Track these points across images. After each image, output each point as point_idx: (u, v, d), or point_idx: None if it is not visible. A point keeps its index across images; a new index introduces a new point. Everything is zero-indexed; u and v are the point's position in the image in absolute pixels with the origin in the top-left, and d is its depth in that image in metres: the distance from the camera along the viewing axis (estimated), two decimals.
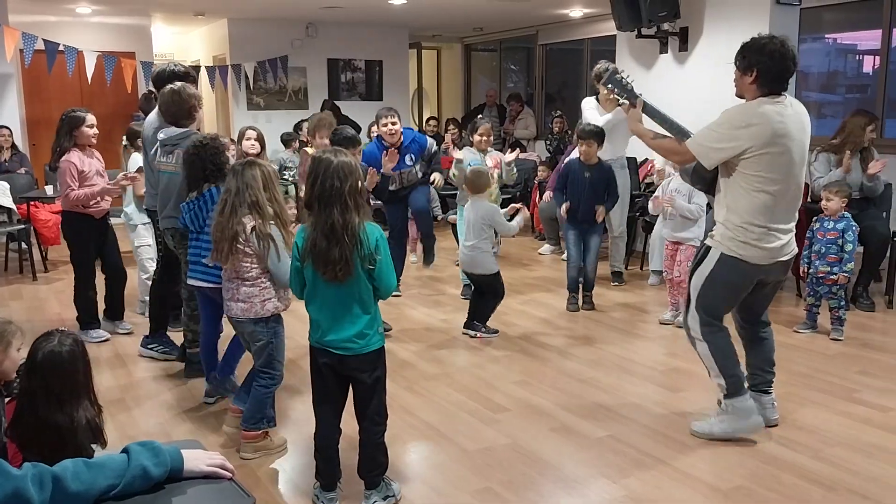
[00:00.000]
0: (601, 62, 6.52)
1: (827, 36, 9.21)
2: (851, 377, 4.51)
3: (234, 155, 6.41)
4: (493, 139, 6.46)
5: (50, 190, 8.58)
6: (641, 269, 7.34)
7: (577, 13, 10.51)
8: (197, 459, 2.05)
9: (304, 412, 3.99)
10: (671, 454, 3.54)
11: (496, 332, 5.38)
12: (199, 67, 10.76)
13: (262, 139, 6.13)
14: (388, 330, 5.24)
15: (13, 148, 8.66)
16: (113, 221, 5.55)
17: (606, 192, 6.01)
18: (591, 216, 5.98)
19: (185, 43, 13.16)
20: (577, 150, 6.23)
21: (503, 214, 5.29)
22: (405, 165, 5.78)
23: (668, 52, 7.69)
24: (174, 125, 4.40)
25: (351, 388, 3.07)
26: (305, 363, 4.15)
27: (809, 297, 5.39)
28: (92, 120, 5.21)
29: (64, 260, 7.83)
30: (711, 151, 3.42)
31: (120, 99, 10.40)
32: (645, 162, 7.85)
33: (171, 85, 4.47)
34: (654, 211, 5.74)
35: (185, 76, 4.84)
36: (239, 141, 6.23)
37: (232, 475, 2.05)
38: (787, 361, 4.70)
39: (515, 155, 6.32)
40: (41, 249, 7.60)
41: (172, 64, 5.07)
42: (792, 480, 3.28)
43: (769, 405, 3.75)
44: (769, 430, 3.73)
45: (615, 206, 6.24)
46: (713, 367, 3.64)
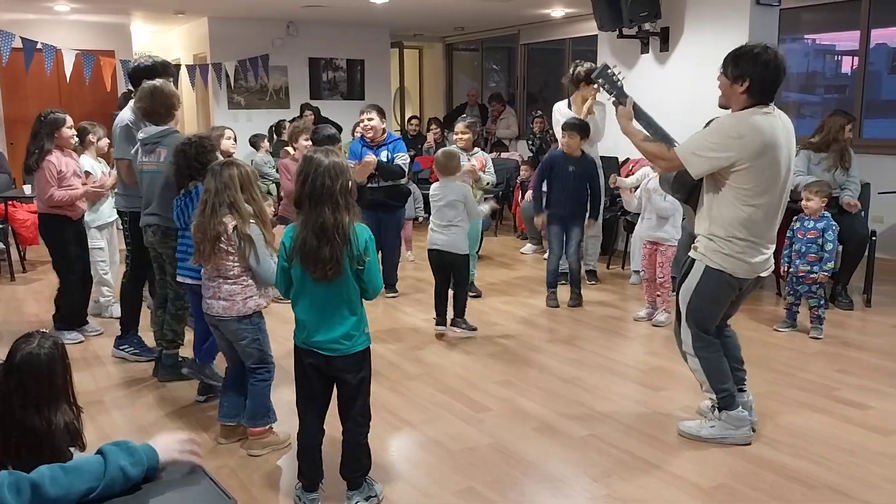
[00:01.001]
0: (579, 62, 6.53)
1: (806, 36, 9.29)
2: (831, 375, 4.55)
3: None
4: (473, 137, 6.44)
5: (28, 189, 8.47)
6: (623, 268, 7.37)
7: (558, 13, 10.53)
8: (170, 450, 2.05)
9: (284, 412, 3.97)
10: (654, 453, 3.55)
11: (475, 329, 5.38)
12: (178, 66, 10.67)
13: (235, 138, 6.20)
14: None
15: None
16: None
17: (589, 186, 6.00)
18: (575, 210, 5.97)
19: (164, 41, 13.05)
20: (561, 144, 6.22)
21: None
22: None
23: (649, 52, 7.72)
24: (153, 123, 4.36)
25: (336, 388, 3.06)
26: (286, 363, 4.14)
27: (789, 295, 5.43)
28: (71, 121, 5.18)
29: (42, 260, 7.75)
30: (700, 161, 3.37)
31: (99, 98, 10.30)
32: (626, 161, 7.88)
33: (150, 82, 4.41)
34: (625, 200, 5.73)
35: (162, 70, 4.78)
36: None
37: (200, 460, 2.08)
38: (767, 360, 4.74)
39: (477, 166, 6.16)
40: (19, 249, 7.52)
41: (148, 57, 4.99)
42: (773, 478, 3.30)
43: (748, 406, 3.76)
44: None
45: (583, 227, 6.17)
46: (705, 381, 3.65)
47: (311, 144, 6.33)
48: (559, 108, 6.59)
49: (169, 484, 1.98)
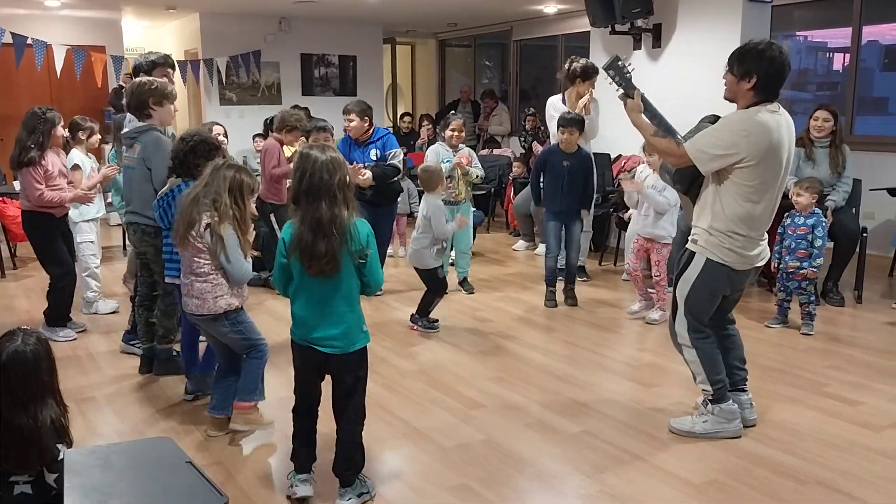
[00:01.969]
0: (575, 58, 6.52)
1: (798, 33, 9.32)
2: (822, 371, 4.57)
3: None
4: (465, 135, 6.43)
5: (18, 185, 8.43)
6: (615, 265, 7.38)
7: (551, 9, 10.53)
8: None
9: (277, 411, 3.97)
10: (646, 449, 3.57)
11: (436, 325, 5.41)
12: None
13: (227, 135, 6.20)
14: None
15: None
16: None
17: (585, 181, 5.99)
18: (570, 204, 5.95)
19: (156, 37, 12.99)
20: (554, 138, 6.20)
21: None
22: (368, 160, 5.93)
23: (641, 48, 7.72)
24: (137, 119, 4.40)
25: (331, 385, 3.06)
26: (277, 359, 4.14)
27: (780, 292, 5.45)
28: (62, 120, 5.21)
29: (33, 257, 7.71)
30: (710, 158, 3.39)
31: (90, 94, 10.26)
32: (618, 158, 7.89)
33: (136, 78, 4.50)
34: (627, 190, 5.70)
35: (150, 67, 4.89)
36: None
37: None
38: (758, 356, 4.75)
39: (463, 161, 6.20)
40: (9, 246, 7.48)
41: (150, 54, 5.10)
42: (764, 474, 3.32)
43: (747, 405, 3.77)
44: (745, 427, 3.75)
45: (581, 219, 6.18)
46: (700, 372, 3.65)
47: (300, 136, 6.34)
48: (553, 103, 6.57)
49: (161, 481, 1.98)
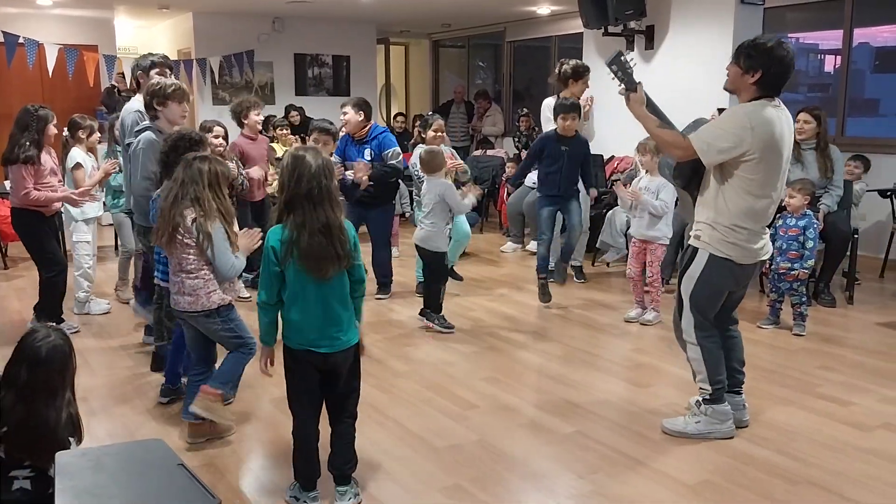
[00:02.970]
0: (565, 60, 6.51)
1: (790, 35, 9.34)
2: (813, 372, 4.59)
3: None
4: (446, 135, 6.40)
5: (8, 185, 8.40)
6: (608, 266, 7.39)
7: (544, 10, 10.55)
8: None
9: (269, 411, 3.97)
10: (639, 449, 3.57)
11: (452, 328, 5.37)
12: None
13: (227, 136, 6.10)
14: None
15: None
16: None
17: (582, 164, 5.97)
18: (569, 189, 5.93)
19: (149, 36, 12.97)
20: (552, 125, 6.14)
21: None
22: (363, 158, 5.92)
23: (634, 50, 7.74)
24: (149, 119, 4.46)
25: (328, 388, 3.06)
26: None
27: (772, 293, 5.47)
28: (55, 119, 5.18)
29: (25, 257, 7.68)
30: (715, 151, 3.39)
31: (82, 93, 10.21)
32: (612, 159, 7.91)
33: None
34: (620, 197, 5.72)
35: (151, 67, 4.95)
36: None
37: None
38: (750, 357, 4.74)
39: (455, 165, 6.19)
40: (1, 246, 7.45)
41: (149, 55, 5.14)
42: (756, 474, 3.33)
43: (740, 406, 3.78)
44: (738, 428, 3.76)
45: (579, 201, 6.20)
46: (701, 371, 3.66)
47: (260, 119, 6.26)
48: (549, 104, 6.55)
49: (154, 484, 1.98)
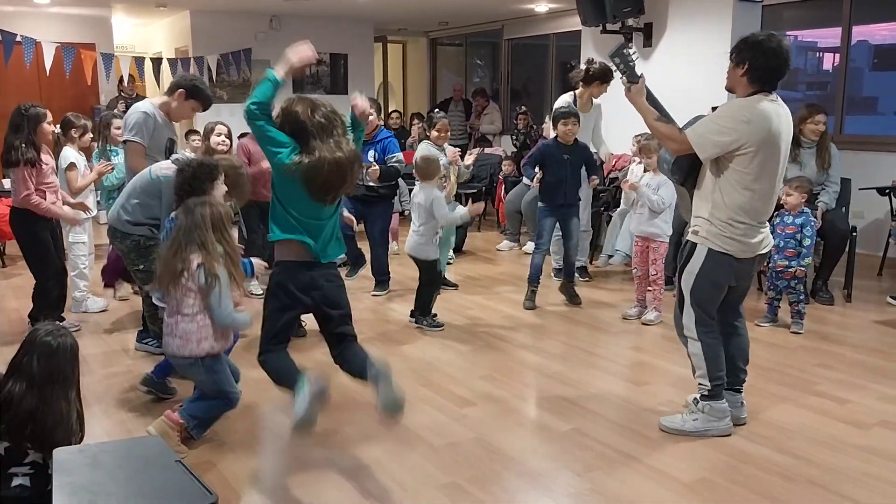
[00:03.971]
0: (592, 59, 6.43)
1: (788, 33, 9.34)
2: (811, 370, 4.59)
3: (200, 150, 6.34)
4: (449, 134, 6.40)
5: (7, 183, 8.37)
6: (606, 263, 7.38)
7: (542, 8, 10.54)
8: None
9: (266, 408, 3.96)
10: (636, 448, 3.57)
11: (441, 326, 5.40)
12: (160, 60, 10.60)
13: (231, 135, 6.10)
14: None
15: None
16: None
17: (586, 167, 5.97)
18: (572, 198, 5.91)
19: (146, 35, 12.96)
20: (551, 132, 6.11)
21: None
22: (366, 160, 5.93)
23: (632, 47, 7.73)
24: None
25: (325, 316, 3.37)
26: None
27: (770, 290, 5.47)
28: (50, 117, 5.14)
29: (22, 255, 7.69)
30: (710, 144, 3.41)
31: (80, 91, 10.21)
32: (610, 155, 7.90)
33: None
34: (625, 191, 5.73)
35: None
36: (206, 137, 6.13)
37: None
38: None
39: (474, 158, 6.46)
40: None
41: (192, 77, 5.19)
42: (753, 472, 3.33)
43: (738, 404, 3.78)
44: (735, 426, 3.76)
45: (579, 217, 6.18)
46: (701, 367, 3.65)
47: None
48: (563, 102, 6.49)
49: (152, 479, 1.97)
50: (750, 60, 3.38)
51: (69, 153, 5.66)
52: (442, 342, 5.13)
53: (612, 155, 6.81)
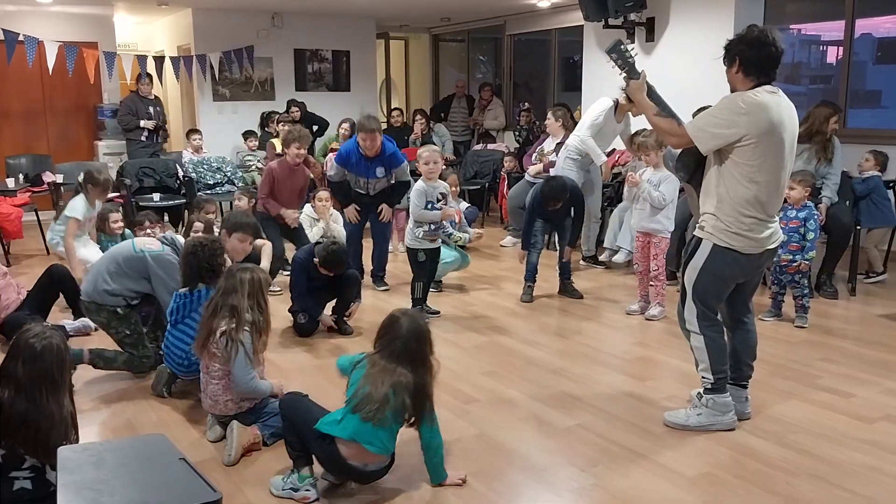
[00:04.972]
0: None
1: (791, 27, 9.32)
2: (815, 364, 4.58)
3: (197, 148, 6.43)
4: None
5: (11, 183, 8.42)
6: (610, 259, 7.37)
7: (544, 3, 10.51)
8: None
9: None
10: (640, 442, 3.57)
11: (437, 312, 5.57)
12: (162, 58, 10.60)
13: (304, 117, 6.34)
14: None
15: None
16: None
17: (574, 211, 6.06)
18: (561, 220, 6.04)
19: (148, 33, 12.95)
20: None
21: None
22: (374, 175, 5.93)
23: (634, 42, 7.72)
24: None
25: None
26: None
27: (774, 285, 5.46)
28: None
29: (26, 254, 7.71)
30: (710, 137, 3.41)
31: (82, 90, 10.22)
32: (612, 152, 7.88)
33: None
34: (628, 184, 5.77)
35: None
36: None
37: None
38: None
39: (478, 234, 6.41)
40: (3, 243, 7.46)
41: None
42: (756, 466, 3.33)
43: (743, 399, 3.78)
44: (739, 421, 3.76)
45: (586, 203, 6.26)
46: (704, 360, 3.64)
47: (303, 153, 6.37)
48: (604, 108, 6.51)
49: (158, 476, 1.98)
50: (738, 55, 3.39)
51: (78, 204, 6.00)
52: (444, 338, 5.13)
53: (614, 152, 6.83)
